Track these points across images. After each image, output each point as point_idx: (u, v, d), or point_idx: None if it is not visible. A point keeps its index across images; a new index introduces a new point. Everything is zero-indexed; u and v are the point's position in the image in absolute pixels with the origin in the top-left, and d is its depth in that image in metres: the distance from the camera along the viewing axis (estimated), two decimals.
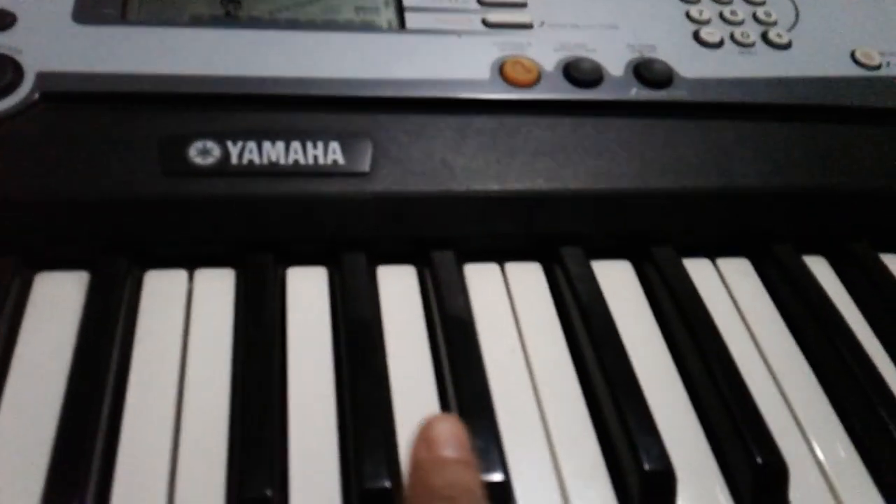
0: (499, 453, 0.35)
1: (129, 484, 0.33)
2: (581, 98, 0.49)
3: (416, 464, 0.29)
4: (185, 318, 0.40)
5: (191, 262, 0.43)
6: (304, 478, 0.34)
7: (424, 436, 0.29)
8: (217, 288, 0.42)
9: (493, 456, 0.34)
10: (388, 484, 0.33)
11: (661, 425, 0.36)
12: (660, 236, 0.46)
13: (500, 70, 0.49)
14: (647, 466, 0.34)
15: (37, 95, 0.44)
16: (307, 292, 0.43)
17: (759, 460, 0.35)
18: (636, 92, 0.50)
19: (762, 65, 0.53)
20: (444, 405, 0.38)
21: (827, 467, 0.37)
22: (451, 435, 0.29)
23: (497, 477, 0.34)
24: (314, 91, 0.46)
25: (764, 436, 0.36)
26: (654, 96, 0.50)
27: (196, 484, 0.33)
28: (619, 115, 0.49)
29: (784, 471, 0.35)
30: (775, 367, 0.41)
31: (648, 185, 0.46)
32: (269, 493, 0.32)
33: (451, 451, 0.29)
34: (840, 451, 0.38)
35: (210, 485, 0.33)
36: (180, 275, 0.42)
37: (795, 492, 0.36)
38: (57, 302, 0.40)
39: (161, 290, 0.42)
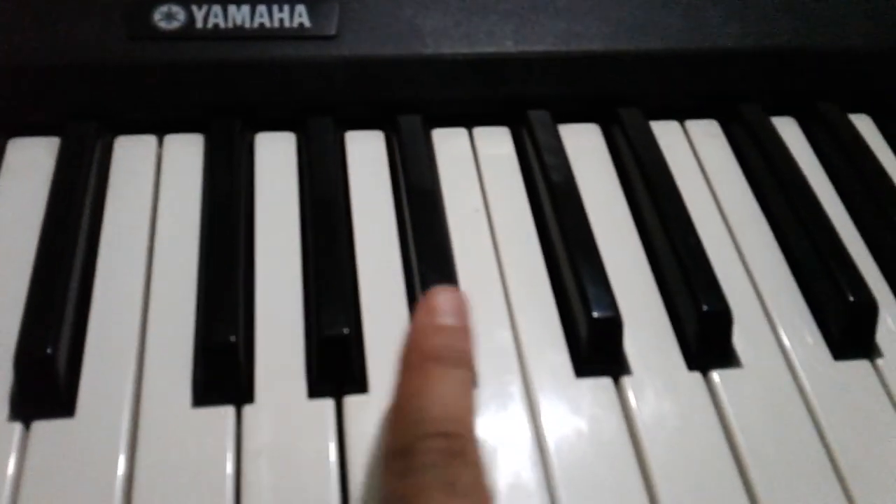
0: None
1: (102, 337, 0.35)
2: None
3: (414, 327, 0.30)
4: (155, 183, 0.41)
5: (161, 128, 0.44)
6: (269, 328, 0.36)
7: (427, 303, 0.30)
8: (186, 153, 0.43)
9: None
10: (345, 331, 0.34)
11: (616, 278, 0.38)
12: (628, 99, 0.46)
13: None
14: (595, 314, 0.36)
15: None
16: (275, 157, 0.43)
17: (704, 308, 0.36)
18: None
19: None
20: (407, 264, 0.39)
21: (774, 316, 0.39)
22: (452, 305, 0.31)
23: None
24: None
25: (711, 286, 0.37)
26: None
27: (166, 334, 0.35)
28: None
29: (728, 317, 0.37)
30: (733, 225, 0.42)
31: (618, 46, 0.46)
32: (232, 339, 0.34)
33: (451, 319, 0.30)
34: (788, 300, 0.39)
35: (179, 335, 0.35)
36: (150, 140, 0.43)
37: (742, 339, 0.38)
38: (29, 166, 0.41)
39: (131, 155, 0.42)
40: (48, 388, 0.33)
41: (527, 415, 0.34)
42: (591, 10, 0.46)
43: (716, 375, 0.36)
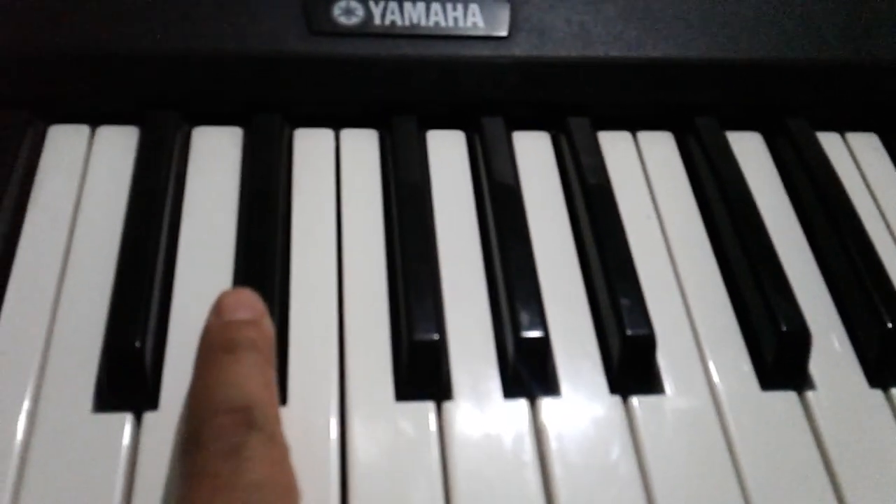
0: (642, 312, 0.37)
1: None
2: None
3: (205, 327, 0.32)
4: (337, 175, 0.43)
5: (336, 122, 0.45)
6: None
7: (215, 304, 0.32)
8: (362, 148, 0.44)
9: (639, 315, 0.37)
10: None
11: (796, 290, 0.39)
12: (792, 108, 0.46)
13: None
14: (784, 328, 0.37)
15: None
16: (447, 153, 0.44)
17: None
18: None
19: None
20: (586, 268, 0.40)
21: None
22: (238, 302, 0.32)
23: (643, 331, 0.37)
24: None
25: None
26: None
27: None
28: None
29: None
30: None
31: (783, 55, 0.46)
32: None
33: (241, 314, 0.32)
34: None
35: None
36: (327, 134, 0.44)
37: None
38: (216, 155, 0.42)
39: (311, 147, 0.43)
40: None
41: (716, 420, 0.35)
42: (755, 18, 0.47)
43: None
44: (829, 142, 0.47)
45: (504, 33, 0.45)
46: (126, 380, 0.34)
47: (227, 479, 0.26)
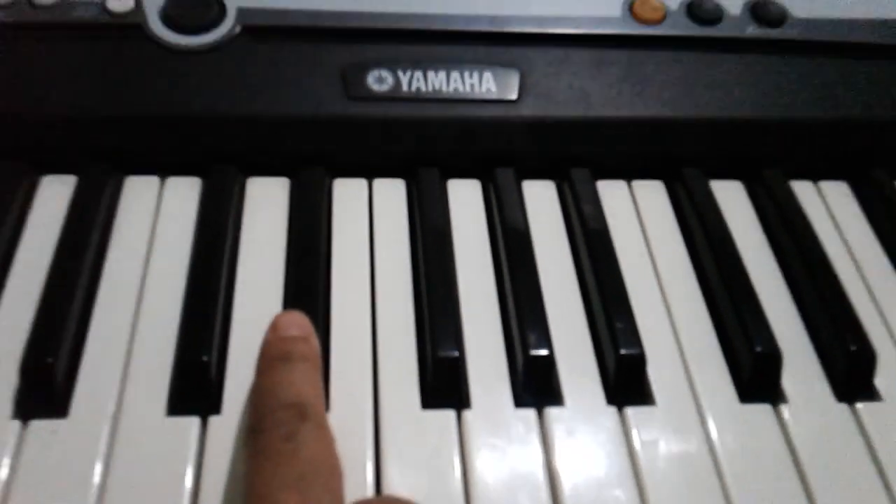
0: (634, 333, 0.43)
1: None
2: (702, 35, 0.54)
3: (263, 342, 0.38)
4: (370, 220, 0.49)
5: (366, 172, 0.52)
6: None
7: (271, 324, 0.39)
8: (392, 195, 0.51)
9: (631, 336, 0.43)
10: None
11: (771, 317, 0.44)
12: (770, 160, 0.53)
13: (630, 8, 0.55)
14: (758, 349, 0.42)
15: (238, 29, 0.52)
16: (465, 199, 0.51)
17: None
18: (752, 30, 0.55)
19: (867, 6, 0.57)
20: (586, 298, 0.46)
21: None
22: (291, 321, 0.39)
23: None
24: (471, 26, 0.53)
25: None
26: (769, 34, 0.55)
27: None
28: (736, 51, 0.54)
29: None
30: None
31: (761, 114, 0.52)
32: None
33: (294, 331, 0.38)
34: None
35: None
36: (362, 183, 0.51)
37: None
38: (267, 201, 0.49)
39: (348, 194, 0.50)
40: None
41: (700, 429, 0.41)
42: (736, 81, 0.53)
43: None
44: (803, 189, 0.53)
45: (514, 97, 0.52)
46: (194, 388, 0.40)
47: (287, 455, 0.32)
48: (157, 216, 0.48)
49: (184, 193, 0.49)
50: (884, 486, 0.40)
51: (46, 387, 0.39)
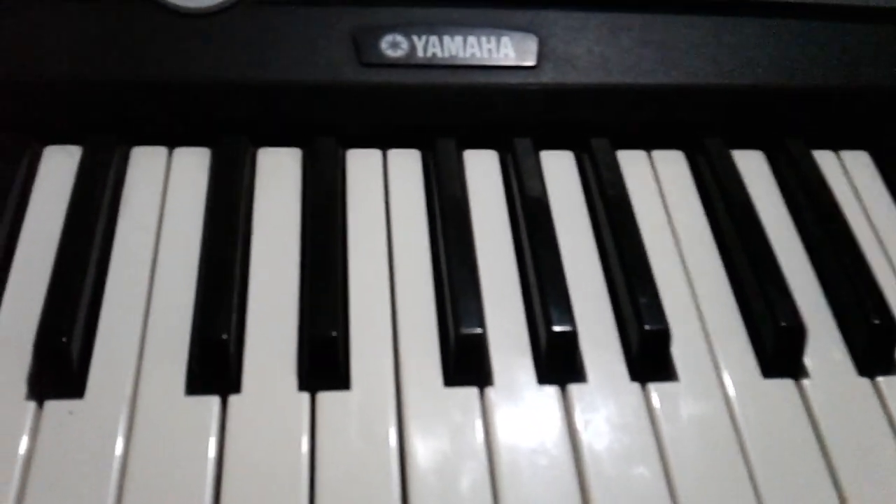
0: (658, 309, 0.42)
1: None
2: None
3: None
4: (385, 190, 0.48)
5: (380, 142, 0.50)
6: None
7: None
8: (407, 166, 0.49)
9: (655, 311, 0.42)
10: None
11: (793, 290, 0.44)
12: (791, 128, 0.52)
13: None
14: (782, 323, 0.42)
15: None
16: (482, 171, 0.50)
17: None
18: None
19: None
20: (608, 271, 0.45)
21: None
22: None
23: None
24: None
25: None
26: None
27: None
28: (758, 14, 0.53)
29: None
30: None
31: (783, 81, 0.51)
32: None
33: None
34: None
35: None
36: (376, 154, 0.50)
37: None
38: (279, 173, 0.48)
39: (362, 165, 0.49)
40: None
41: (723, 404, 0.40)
42: (754, 46, 0.52)
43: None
44: (825, 159, 0.52)
45: (532, 63, 0.50)
46: (213, 367, 0.39)
47: None
48: (166, 188, 0.46)
49: (193, 164, 0.48)
50: None
51: (61, 366, 0.38)
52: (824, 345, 0.44)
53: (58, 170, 0.47)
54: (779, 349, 0.42)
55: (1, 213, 0.43)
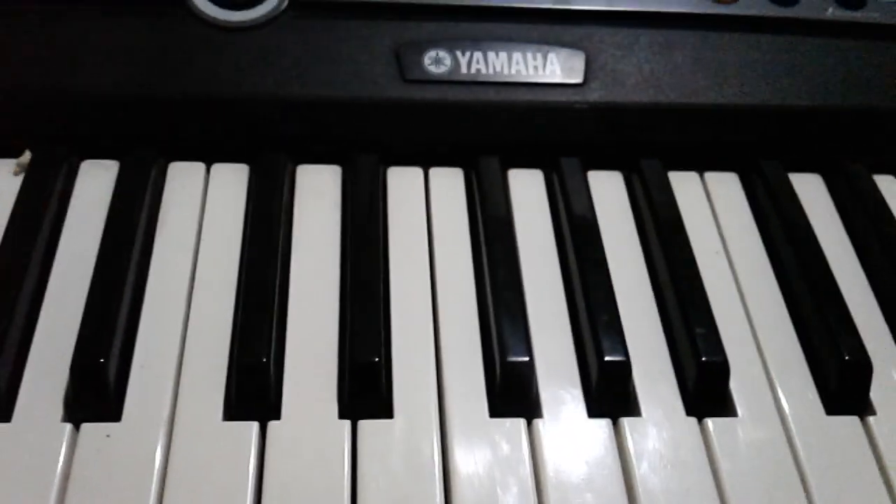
0: (716, 340, 0.40)
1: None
2: (780, 15, 0.51)
3: None
4: (427, 210, 0.47)
5: (422, 160, 0.49)
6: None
7: None
8: (449, 185, 0.48)
9: (713, 342, 0.40)
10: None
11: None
12: (850, 152, 0.50)
13: None
14: (847, 357, 0.40)
15: (285, 4, 0.49)
16: (527, 192, 0.48)
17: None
18: (832, 12, 0.52)
19: None
20: (660, 298, 0.43)
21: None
22: None
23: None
24: (534, 3, 0.50)
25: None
26: (850, 17, 0.52)
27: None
28: (815, 34, 0.51)
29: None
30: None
31: (842, 102, 0.49)
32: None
33: None
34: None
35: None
36: (417, 172, 0.48)
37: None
38: (319, 191, 0.47)
39: (403, 183, 0.47)
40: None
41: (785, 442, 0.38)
42: (814, 67, 0.50)
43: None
44: (886, 184, 0.50)
45: (580, 80, 0.48)
46: (252, 392, 0.38)
47: None
48: (203, 205, 0.45)
49: (231, 180, 0.47)
50: None
51: (98, 388, 0.37)
52: (890, 379, 0.41)
53: (95, 185, 0.46)
54: (843, 385, 0.40)
55: (37, 230, 0.42)
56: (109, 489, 0.35)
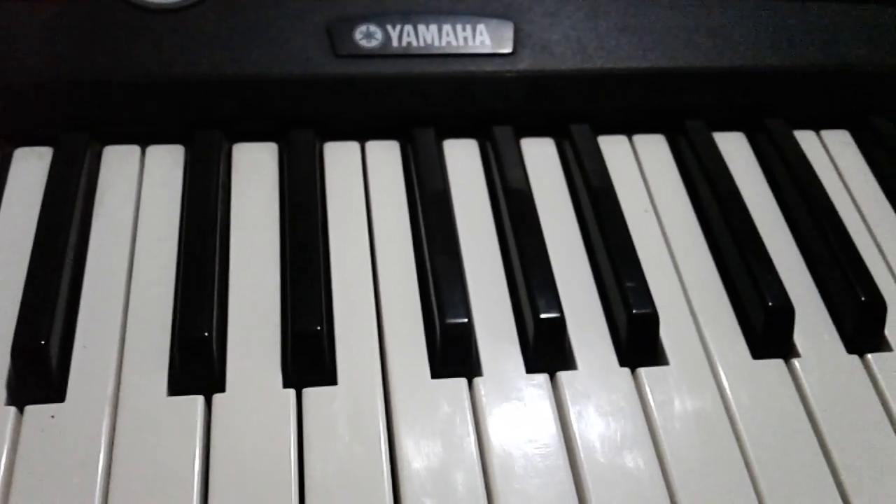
0: (646, 293, 0.42)
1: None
2: None
3: None
4: (364, 183, 0.47)
5: (357, 135, 0.50)
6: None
7: None
8: (386, 158, 0.49)
9: (643, 295, 0.42)
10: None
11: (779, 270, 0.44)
12: (772, 110, 0.52)
13: None
14: (770, 303, 0.42)
15: None
16: (462, 161, 0.49)
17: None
18: None
19: None
20: (592, 257, 0.45)
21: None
22: None
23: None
24: None
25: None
26: None
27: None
28: None
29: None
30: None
31: (762, 62, 0.51)
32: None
33: None
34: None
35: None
36: (354, 146, 0.49)
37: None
38: (256, 168, 0.47)
39: (340, 158, 0.48)
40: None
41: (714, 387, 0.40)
42: (735, 28, 0.52)
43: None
44: (806, 139, 0.52)
45: (509, 50, 0.50)
46: (196, 366, 0.38)
47: None
48: (140, 186, 0.45)
49: (167, 162, 0.47)
50: None
51: (40, 370, 0.37)
52: (813, 324, 0.43)
53: (29, 172, 0.46)
54: (768, 330, 0.42)
55: None
56: (56, 469, 0.35)
